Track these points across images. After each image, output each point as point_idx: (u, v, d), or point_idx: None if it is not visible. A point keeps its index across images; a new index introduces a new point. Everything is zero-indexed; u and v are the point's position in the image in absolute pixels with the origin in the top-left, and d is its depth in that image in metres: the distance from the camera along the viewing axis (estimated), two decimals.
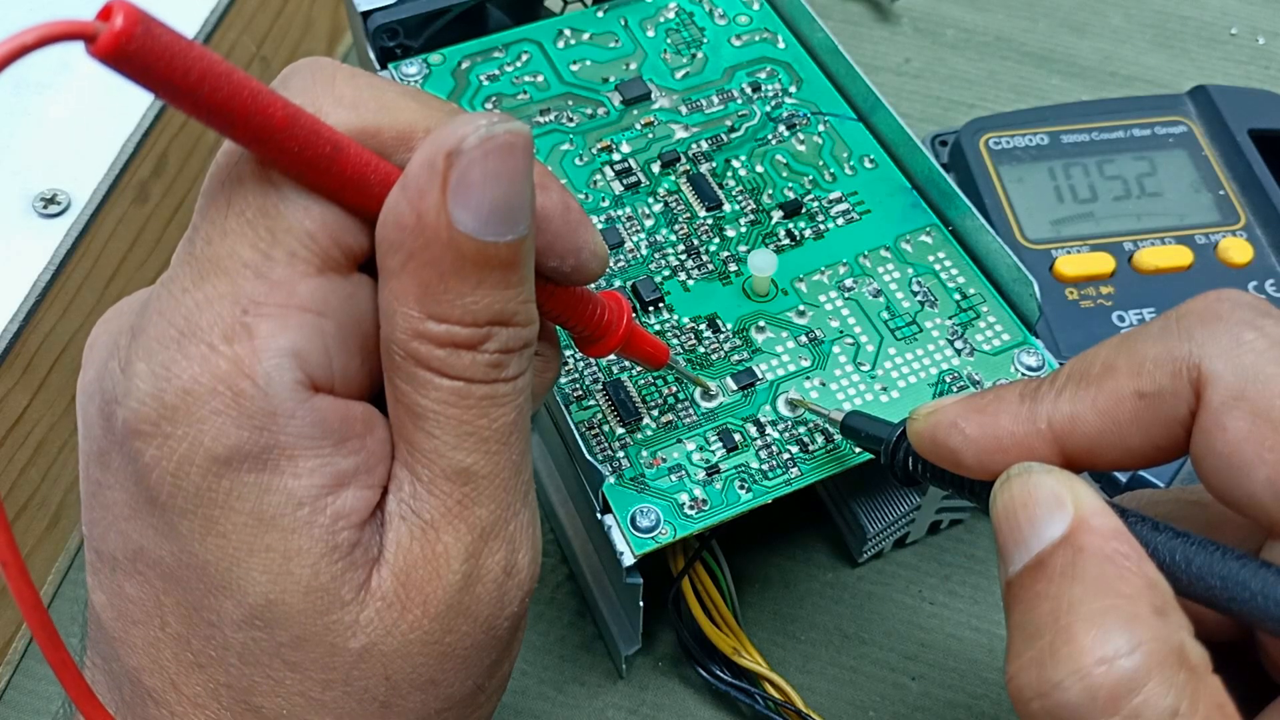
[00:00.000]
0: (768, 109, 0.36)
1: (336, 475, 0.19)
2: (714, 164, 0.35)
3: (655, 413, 0.30)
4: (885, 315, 0.31)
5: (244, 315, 0.18)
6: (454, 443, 0.19)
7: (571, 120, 0.35)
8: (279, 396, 0.18)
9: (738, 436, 0.29)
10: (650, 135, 0.35)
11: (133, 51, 0.15)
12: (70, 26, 0.15)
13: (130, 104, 0.36)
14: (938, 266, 0.32)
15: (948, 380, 0.30)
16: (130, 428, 0.18)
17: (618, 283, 0.32)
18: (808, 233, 0.33)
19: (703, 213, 0.33)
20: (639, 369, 0.30)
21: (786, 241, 0.33)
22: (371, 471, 0.20)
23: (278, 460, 0.18)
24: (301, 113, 0.17)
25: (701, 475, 0.29)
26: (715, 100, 0.36)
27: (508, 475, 0.20)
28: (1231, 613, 0.18)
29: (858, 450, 0.29)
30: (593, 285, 0.28)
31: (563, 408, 0.29)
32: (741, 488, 0.28)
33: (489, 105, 0.36)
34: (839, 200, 0.34)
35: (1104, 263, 0.37)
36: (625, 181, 0.34)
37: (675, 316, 0.32)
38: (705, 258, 0.33)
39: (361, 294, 0.20)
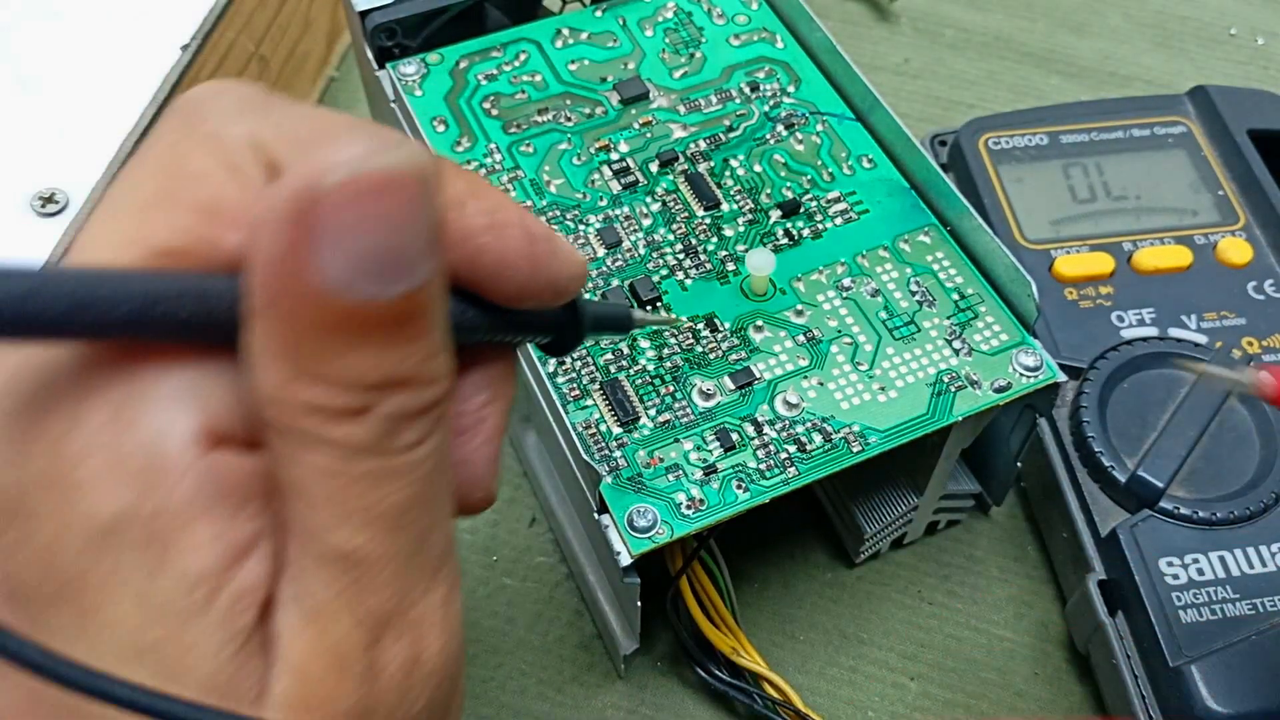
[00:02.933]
0: (766, 108, 0.36)
1: (236, 546, 0.16)
2: (712, 163, 0.35)
3: (653, 412, 0.30)
4: (883, 315, 0.31)
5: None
6: (331, 523, 0.16)
7: (570, 120, 0.35)
8: (170, 453, 0.15)
9: (735, 436, 0.29)
10: (648, 135, 0.35)
11: None
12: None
13: (129, 104, 0.36)
14: (936, 266, 0.32)
15: (945, 380, 0.30)
16: None
17: (615, 282, 0.32)
18: (806, 232, 0.33)
19: (701, 212, 0.33)
20: (637, 369, 0.30)
21: (785, 241, 0.33)
22: (275, 537, 0.17)
23: (168, 531, 0.15)
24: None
25: (699, 475, 0.29)
26: (713, 100, 0.36)
27: (405, 556, 0.17)
28: None
29: (855, 450, 0.29)
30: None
31: (560, 408, 0.29)
32: (739, 487, 0.28)
33: (487, 105, 0.36)
34: (837, 200, 0.34)
35: (1103, 263, 0.37)
36: (623, 181, 0.34)
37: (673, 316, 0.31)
38: (703, 257, 0.33)
39: None
